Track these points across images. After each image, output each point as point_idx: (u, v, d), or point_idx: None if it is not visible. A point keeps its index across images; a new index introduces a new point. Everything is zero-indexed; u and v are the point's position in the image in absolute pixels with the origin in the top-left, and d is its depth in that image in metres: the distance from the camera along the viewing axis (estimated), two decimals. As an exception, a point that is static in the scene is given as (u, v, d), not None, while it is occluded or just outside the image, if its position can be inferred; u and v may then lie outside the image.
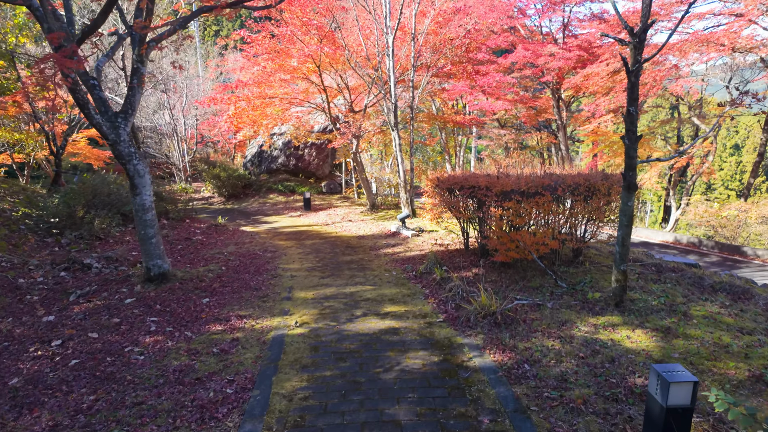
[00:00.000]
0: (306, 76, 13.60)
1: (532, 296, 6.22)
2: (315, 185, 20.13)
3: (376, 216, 14.56)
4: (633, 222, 5.75)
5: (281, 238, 11.78)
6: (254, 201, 19.12)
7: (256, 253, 9.64)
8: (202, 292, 6.84)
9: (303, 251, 9.96)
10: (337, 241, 11.12)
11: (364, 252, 9.83)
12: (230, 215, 16.49)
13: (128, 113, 6.23)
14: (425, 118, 16.37)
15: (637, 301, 5.89)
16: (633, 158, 5.56)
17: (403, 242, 10.55)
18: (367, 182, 15.27)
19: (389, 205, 16.45)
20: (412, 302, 6.36)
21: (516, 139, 29.56)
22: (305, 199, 16.55)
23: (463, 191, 7.75)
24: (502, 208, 6.78)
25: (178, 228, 12.58)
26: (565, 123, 23.43)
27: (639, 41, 5.34)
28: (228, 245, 10.57)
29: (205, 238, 11.41)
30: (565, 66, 19.29)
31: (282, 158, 20.33)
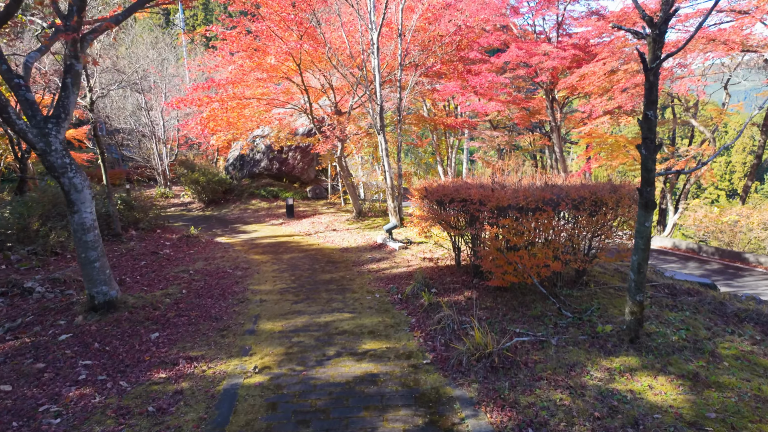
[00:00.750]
0: (287, 76, 12.70)
1: (534, 329, 5.38)
2: (300, 190, 19.21)
3: (362, 224, 13.69)
4: (650, 244, 4.95)
5: (257, 251, 10.86)
6: (235, 207, 18.14)
7: (225, 271, 8.72)
8: (153, 324, 5.91)
9: (278, 268, 9.05)
10: (317, 255, 10.22)
11: (345, 268, 8.95)
12: (208, 223, 15.51)
13: (61, 118, 5.30)
14: (415, 120, 15.54)
15: (654, 335, 5.08)
16: (651, 171, 4.75)
17: (390, 256, 9.69)
18: (353, 188, 14.39)
19: (377, 212, 15.59)
20: (396, 335, 5.50)
21: (509, 140, 28.87)
22: (288, 206, 15.63)
23: (453, 204, 6.90)
24: (497, 226, 5.94)
25: (146, 240, 11.61)
26: (559, 124, 22.77)
27: (659, 33, 4.53)
28: (197, 260, 9.63)
29: (173, 251, 10.46)
30: (560, 65, 18.59)
31: (265, 162, 19.37)
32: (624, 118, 19.60)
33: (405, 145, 29.53)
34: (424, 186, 7.91)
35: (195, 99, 11.23)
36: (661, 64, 4.55)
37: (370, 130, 14.47)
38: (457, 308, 6.06)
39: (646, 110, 4.69)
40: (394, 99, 17.14)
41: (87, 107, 11.00)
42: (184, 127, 11.89)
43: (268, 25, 10.70)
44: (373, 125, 11.47)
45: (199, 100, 11.24)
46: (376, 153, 15.48)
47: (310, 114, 12.76)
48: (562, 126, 23.95)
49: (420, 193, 8.02)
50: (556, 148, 23.21)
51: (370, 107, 11.59)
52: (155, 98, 21.44)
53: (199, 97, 11.32)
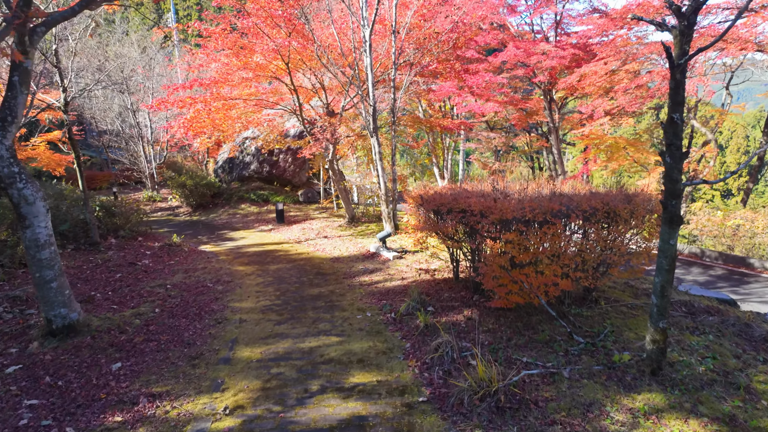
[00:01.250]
0: (275, 76, 12.08)
1: (543, 357, 4.81)
2: (291, 194, 18.57)
3: (355, 231, 13.08)
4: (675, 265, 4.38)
5: (243, 261, 10.23)
6: (223, 212, 17.48)
7: (205, 285, 8.09)
8: (117, 352, 5.28)
9: (263, 281, 8.43)
10: (306, 266, 9.61)
11: (336, 281, 8.34)
12: (194, 229, 14.86)
13: (6, 121, 4.67)
14: (410, 121, 14.95)
15: (678, 365, 4.52)
16: (677, 181, 4.18)
17: (383, 267, 9.10)
18: (345, 193, 13.79)
19: (371, 216, 14.99)
20: (388, 365, 4.91)
21: (506, 142, 28.38)
22: (278, 211, 15.00)
23: (452, 214, 6.32)
24: (501, 241, 5.36)
25: (126, 249, 10.95)
26: (557, 125, 22.30)
27: (687, 25, 3.97)
28: (176, 273, 8.99)
29: (153, 262, 9.81)
30: (559, 65, 18.09)
31: (255, 164, 18.72)
32: (624, 119, 19.13)
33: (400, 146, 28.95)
34: (419, 194, 7.32)
35: (176, 100, 10.57)
36: (690, 60, 3.99)
37: (363, 132, 13.87)
38: (456, 331, 5.47)
39: (671, 113, 4.13)
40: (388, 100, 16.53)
41: (61, 108, 10.33)
42: (167, 129, 11.21)
43: (254, 22, 10.08)
44: (366, 127, 10.89)
45: (181, 101, 10.60)
46: (370, 156, 14.91)
47: (300, 115, 12.15)
48: (560, 127, 23.47)
49: (415, 201, 7.44)
50: (554, 150, 22.74)
51: (363, 108, 11.00)
52: (143, 99, 20.74)
53: (180, 98, 10.67)
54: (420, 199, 7.16)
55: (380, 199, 11.66)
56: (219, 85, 11.16)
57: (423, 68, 11.80)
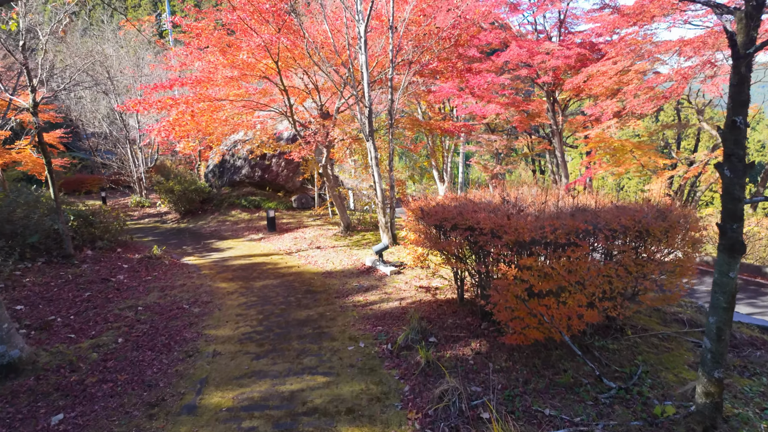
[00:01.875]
0: (265, 75, 11.27)
1: (568, 407, 4.01)
2: (284, 200, 17.75)
3: (350, 241, 12.27)
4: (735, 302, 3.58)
5: (226, 276, 9.41)
6: (213, 219, 16.65)
7: (181, 307, 7.27)
8: (63, 398, 4.46)
9: (246, 301, 7.61)
10: (295, 282, 8.79)
11: (326, 301, 7.53)
12: (179, 238, 14.03)
13: None
14: (409, 123, 14.15)
15: (734, 420, 3.72)
16: (739, 200, 3.39)
17: (380, 284, 8.29)
18: (339, 200, 12.98)
19: (367, 224, 14.18)
20: (383, 416, 4.10)
21: (507, 144, 27.64)
22: (269, 219, 14.18)
23: (457, 231, 5.52)
24: (516, 266, 4.56)
25: (102, 262, 10.12)
26: (561, 128, 21.60)
27: (756, 6, 3.18)
28: (152, 291, 8.16)
29: (128, 278, 8.98)
30: (564, 65, 17.36)
31: (246, 169, 17.89)
32: (632, 121, 18.39)
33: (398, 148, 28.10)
34: (419, 205, 6.51)
35: (155, 101, 9.76)
36: (758, 51, 3.20)
37: (359, 135, 13.08)
38: (463, 369, 4.67)
39: (733, 115, 3.33)
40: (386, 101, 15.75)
41: (29, 110, 9.52)
42: (149, 132, 10.40)
43: (240, 15, 9.28)
44: (362, 130, 10.09)
45: (159, 102, 9.77)
46: (366, 160, 14.11)
47: (291, 117, 11.34)
48: (563, 129, 22.74)
49: (415, 214, 6.64)
50: (558, 153, 22.02)
51: (358, 110, 10.20)
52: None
53: (159, 99, 9.84)
54: (420, 211, 6.36)
55: (377, 207, 10.86)
56: (203, 85, 10.35)
57: (423, 67, 11.02)
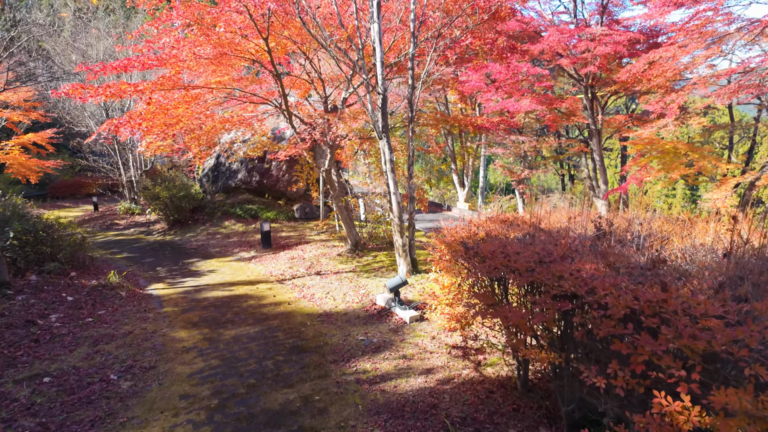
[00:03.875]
0: (255, 58, 9.00)
1: None
2: (285, 209, 15.46)
3: (358, 264, 9.90)
4: None
5: (192, 318, 7.10)
6: (203, 230, 14.46)
7: (106, 379, 4.97)
8: None
9: (203, 368, 5.28)
10: (281, 330, 6.45)
11: (318, 371, 5.15)
12: (157, 256, 11.83)
13: None
14: (432, 119, 11.72)
15: None
16: None
17: (396, 338, 5.90)
18: (346, 212, 10.63)
19: (380, 241, 11.79)
20: None
21: (537, 146, 25.05)
22: (263, 233, 11.89)
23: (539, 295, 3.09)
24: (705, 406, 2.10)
25: (44, 291, 7.95)
26: (600, 128, 18.96)
27: None
28: (82, 344, 5.91)
29: (63, 319, 6.76)
30: (613, 52, 14.79)
31: (242, 173, 15.68)
32: (695, 119, 15.71)
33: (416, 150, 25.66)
34: (461, 239, 4.11)
35: (104, 87, 7.49)
36: None
37: (372, 133, 10.74)
38: None
39: None
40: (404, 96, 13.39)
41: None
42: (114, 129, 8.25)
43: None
44: (374, 126, 7.74)
45: (109, 87, 7.52)
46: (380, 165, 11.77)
47: (285, 107, 9.03)
48: (602, 130, 20.04)
49: (452, 251, 4.23)
50: (596, 156, 19.37)
51: (369, 101, 7.83)
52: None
53: (110, 84, 7.59)
54: (464, 249, 3.94)
55: (392, 223, 8.47)
56: (173, 66, 8.10)
57: (453, 43, 8.58)
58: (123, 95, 7.82)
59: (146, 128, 8.92)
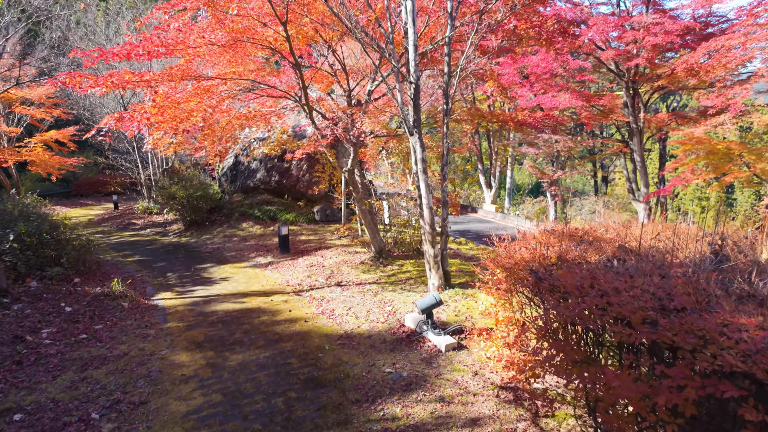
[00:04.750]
0: (273, 47, 8.18)
1: None
2: (305, 211, 14.66)
3: (383, 274, 8.98)
4: None
5: (197, 335, 6.30)
6: (220, 232, 13.79)
7: (86, 418, 4.17)
8: None
9: (202, 405, 4.43)
10: (295, 356, 5.57)
11: (337, 413, 4.24)
12: (169, 260, 11.17)
13: None
14: (466, 115, 10.67)
15: None
16: None
17: (430, 372, 4.94)
18: (370, 216, 9.72)
19: (406, 247, 10.82)
20: None
21: (573, 146, 23.63)
22: (281, 237, 11.10)
23: (661, 358, 2.07)
24: None
25: (43, 300, 7.32)
26: (641, 126, 17.55)
27: None
28: (68, 368, 5.16)
29: (55, 334, 6.07)
30: (664, 42, 13.47)
31: (261, 172, 14.96)
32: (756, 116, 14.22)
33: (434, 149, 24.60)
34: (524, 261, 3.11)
35: (105, 76, 6.71)
36: None
37: (398, 130, 9.78)
38: None
39: None
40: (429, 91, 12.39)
41: None
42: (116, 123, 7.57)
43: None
44: (402, 121, 6.79)
45: (111, 77, 6.76)
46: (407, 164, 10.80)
47: (306, 104, 8.16)
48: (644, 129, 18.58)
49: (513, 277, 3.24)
50: (636, 157, 18.01)
51: (398, 91, 6.87)
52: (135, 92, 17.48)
53: (112, 73, 6.82)
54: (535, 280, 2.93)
55: (422, 231, 7.51)
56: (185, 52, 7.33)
57: (497, 25, 7.50)
58: (126, 86, 7.07)
59: (156, 123, 8.21)
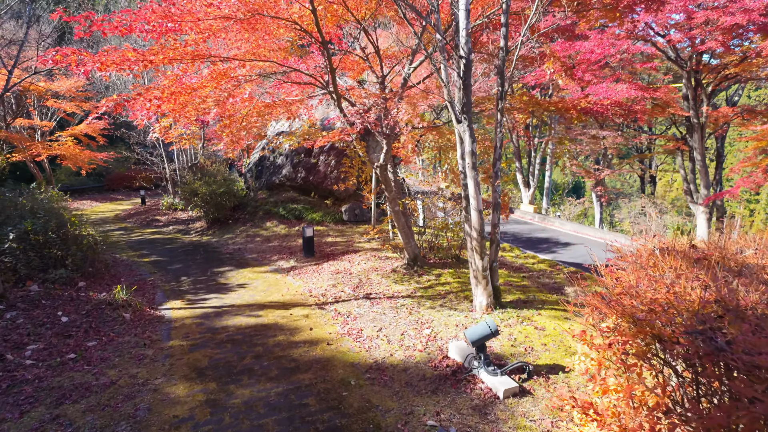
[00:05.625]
0: (296, 23, 7.16)
1: None
2: (333, 210, 13.67)
3: (418, 285, 7.83)
4: None
5: (199, 361, 5.34)
6: (243, 232, 12.98)
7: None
8: None
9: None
10: (313, 392, 4.51)
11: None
12: (188, 260, 10.39)
13: None
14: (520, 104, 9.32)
15: None
16: None
17: (485, 429, 3.77)
18: (404, 219, 8.58)
19: (444, 253, 9.64)
20: None
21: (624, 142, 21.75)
22: (305, 239, 10.13)
23: None
24: None
25: (40, 307, 6.57)
26: (704, 122, 15.71)
27: None
28: (42, 400, 4.28)
29: (40, 352, 5.24)
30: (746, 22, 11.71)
31: (287, 168, 14.06)
32: None
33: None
34: (670, 313, 1.90)
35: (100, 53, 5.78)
36: None
37: (435, 121, 8.60)
38: None
39: None
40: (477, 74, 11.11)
41: None
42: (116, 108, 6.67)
43: None
44: (449, 106, 5.63)
45: (108, 54, 5.81)
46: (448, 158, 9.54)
47: (333, 90, 7.11)
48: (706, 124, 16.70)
49: (644, 332, 2.02)
50: (697, 155, 16.14)
51: (443, 74, 5.69)
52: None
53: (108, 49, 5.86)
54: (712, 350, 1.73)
55: (467, 239, 6.31)
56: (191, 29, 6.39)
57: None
58: (130, 66, 6.14)
59: (169, 112, 7.35)
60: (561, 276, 8.55)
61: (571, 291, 7.50)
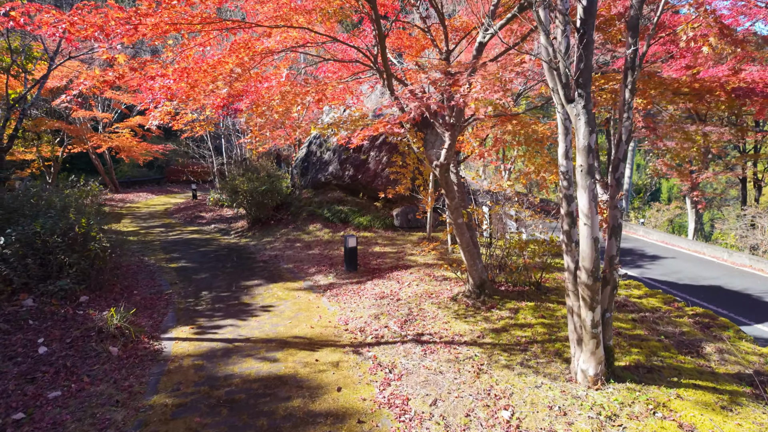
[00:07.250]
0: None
1: None
2: (382, 213, 11.97)
3: (487, 324, 5.92)
4: None
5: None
6: (283, 234, 11.65)
7: None
8: None
9: None
10: None
11: None
12: (216, 269, 9.14)
13: None
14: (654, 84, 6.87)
15: None
16: None
17: None
18: (468, 234, 6.67)
19: (517, 277, 7.59)
20: None
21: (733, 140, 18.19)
22: (347, 250, 8.51)
23: None
24: None
25: (23, 330, 5.50)
26: None
27: None
28: None
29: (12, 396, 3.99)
30: None
31: (334, 165, 12.55)
32: None
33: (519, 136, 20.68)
34: None
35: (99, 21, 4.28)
36: None
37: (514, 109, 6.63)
38: None
39: None
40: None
41: None
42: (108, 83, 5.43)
43: None
44: (552, 77, 3.70)
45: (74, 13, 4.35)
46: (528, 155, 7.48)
47: (384, 66, 5.38)
48: None
49: None
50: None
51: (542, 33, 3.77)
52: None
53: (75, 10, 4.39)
54: None
55: (569, 276, 4.34)
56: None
57: None
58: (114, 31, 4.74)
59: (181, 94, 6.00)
60: (686, 320, 6.24)
61: (712, 351, 5.25)
